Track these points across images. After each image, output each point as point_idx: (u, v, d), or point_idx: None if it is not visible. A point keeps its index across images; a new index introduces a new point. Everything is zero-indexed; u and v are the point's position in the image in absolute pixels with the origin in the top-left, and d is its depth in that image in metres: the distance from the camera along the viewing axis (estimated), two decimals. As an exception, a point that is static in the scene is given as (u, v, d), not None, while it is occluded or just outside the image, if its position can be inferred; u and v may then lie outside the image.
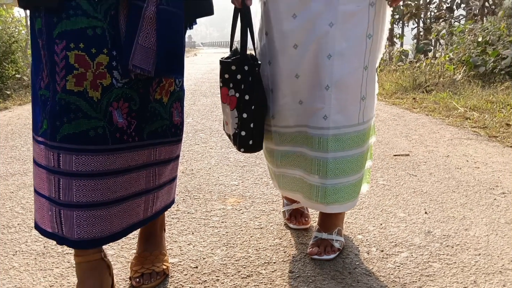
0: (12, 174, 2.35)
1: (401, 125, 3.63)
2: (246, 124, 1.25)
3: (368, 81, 1.26)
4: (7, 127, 3.66)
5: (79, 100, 0.94)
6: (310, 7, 1.19)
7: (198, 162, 2.59)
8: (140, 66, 0.96)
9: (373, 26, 1.23)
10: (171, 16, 0.98)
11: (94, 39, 0.94)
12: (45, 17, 0.94)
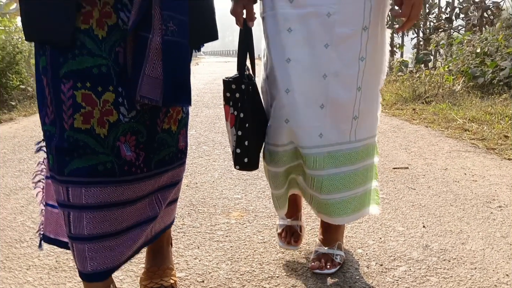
0: (21, 188, 2.41)
1: (400, 137, 3.69)
2: (241, 142, 1.27)
3: (361, 101, 1.29)
4: (14, 140, 3.73)
5: (87, 138, 0.96)
6: (306, 24, 1.22)
7: (202, 175, 2.65)
8: (147, 97, 0.98)
9: (366, 49, 1.26)
10: (176, 46, 0.99)
11: (100, 78, 0.96)
12: (50, 56, 0.96)
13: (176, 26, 0.99)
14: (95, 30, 0.95)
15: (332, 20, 1.21)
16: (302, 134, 1.27)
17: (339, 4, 1.20)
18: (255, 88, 1.28)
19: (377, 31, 1.28)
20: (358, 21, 1.23)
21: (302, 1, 1.21)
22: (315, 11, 1.21)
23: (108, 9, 0.97)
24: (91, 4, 0.95)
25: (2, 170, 2.82)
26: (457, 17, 11.01)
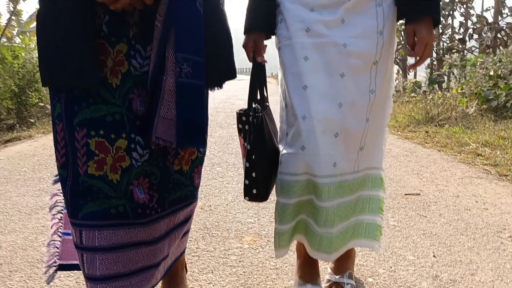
0: (41, 207, 2.50)
1: (412, 161, 3.71)
2: (249, 173, 1.27)
3: (368, 133, 1.32)
4: (34, 158, 3.84)
5: (100, 183, 0.98)
6: (323, 53, 1.25)
7: (215, 198, 2.71)
8: (162, 138, 0.98)
9: (375, 83, 1.29)
10: (190, 88, 0.99)
11: (113, 125, 0.97)
12: (65, 104, 0.96)
13: (191, 68, 0.98)
14: (109, 78, 0.97)
15: (348, 51, 1.24)
16: (318, 163, 1.25)
17: (355, 38, 1.24)
18: (262, 120, 1.28)
19: (386, 66, 1.32)
20: (371, 55, 1.27)
21: (319, 32, 1.24)
22: (332, 41, 1.24)
23: (121, 57, 0.98)
24: (105, 53, 0.96)
25: (23, 188, 2.91)
26: (470, 38, 11.04)
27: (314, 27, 1.25)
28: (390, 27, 1.29)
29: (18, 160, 3.80)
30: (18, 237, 2.07)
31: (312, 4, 1.26)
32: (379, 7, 1.27)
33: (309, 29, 1.25)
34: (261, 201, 1.32)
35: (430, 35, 1.21)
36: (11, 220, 2.31)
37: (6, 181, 3.11)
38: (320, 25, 1.24)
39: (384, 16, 1.27)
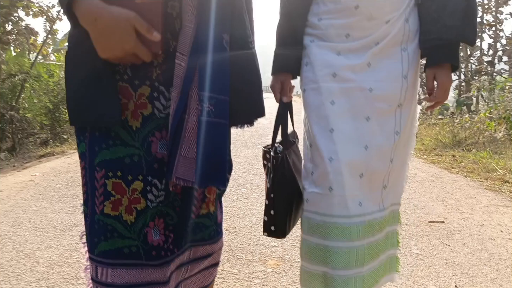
0: (75, 224, 2.62)
1: (438, 187, 3.70)
2: (268, 210, 1.29)
3: (391, 172, 1.35)
4: (67, 175, 4.01)
5: (115, 223, 0.99)
6: (349, 98, 1.27)
7: (240, 219, 2.78)
8: (183, 178, 0.96)
9: (400, 124, 1.32)
10: (212, 127, 0.97)
11: (130, 167, 0.98)
12: (88, 144, 0.99)
13: (213, 106, 0.97)
14: (129, 121, 0.97)
15: (373, 95, 1.27)
16: (345, 203, 1.27)
17: (380, 82, 1.27)
18: (282, 161, 1.30)
19: (410, 108, 1.36)
20: (396, 98, 1.29)
21: (346, 77, 1.27)
22: (358, 86, 1.27)
23: (143, 100, 0.98)
24: (127, 97, 0.97)
25: (58, 205, 3.05)
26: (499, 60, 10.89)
27: (341, 72, 1.27)
28: (414, 71, 1.32)
29: (52, 176, 3.98)
30: (54, 253, 2.19)
31: (339, 48, 1.29)
32: (404, 52, 1.30)
33: (336, 74, 1.28)
34: (280, 238, 1.34)
35: (449, 80, 1.26)
36: (47, 237, 2.43)
37: (42, 197, 3.27)
38: (347, 71, 1.27)
39: (409, 60, 1.30)
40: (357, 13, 1.25)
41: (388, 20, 1.26)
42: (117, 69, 0.95)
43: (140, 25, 0.87)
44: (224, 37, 0.98)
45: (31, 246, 2.30)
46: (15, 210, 2.96)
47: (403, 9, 1.27)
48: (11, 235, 2.48)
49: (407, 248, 2.31)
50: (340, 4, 1.26)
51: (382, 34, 1.26)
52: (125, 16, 0.87)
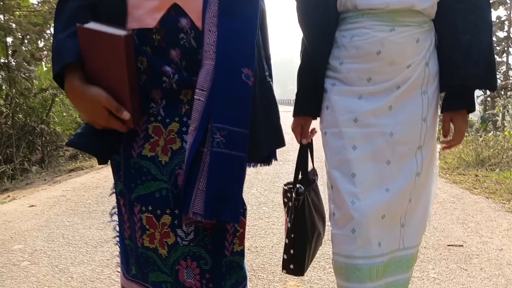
0: (106, 241, 2.77)
1: (458, 209, 3.72)
2: (287, 249, 1.33)
3: (408, 211, 1.35)
4: (97, 190, 4.19)
5: (154, 256, 1.02)
6: (371, 142, 1.28)
7: (262, 239, 2.88)
8: (200, 213, 0.94)
9: (421, 166, 1.32)
10: (222, 158, 0.96)
11: (160, 201, 0.99)
12: (124, 181, 1.03)
13: (224, 137, 0.96)
14: (159, 156, 1.00)
15: (394, 139, 1.28)
16: (366, 245, 1.28)
17: (400, 125, 1.28)
18: (303, 203, 1.32)
19: (430, 149, 1.35)
20: (415, 141, 1.30)
21: (368, 122, 1.28)
22: (380, 131, 1.28)
23: (172, 135, 1.01)
24: (158, 134, 1.01)
25: (88, 221, 3.22)
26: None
27: (363, 117, 1.28)
28: (433, 113, 1.33)
29: (83, 192, 4.17)
30: (86, 269, 2.33)
31: (361, 92, 1.30)
32: (424, 94, 1.31)
33: (357, 119, 1.29)
34: (298, 275, 1.37)
35: (466, 124, 1.30)
36: (80, 252, 2.58)
37: (73, 213, 3.44)
38: (369, 115, 1.28)
39: (428, 103, 1.31)
40: (379, 59, 1.27)
41: (409, 65, 1.27)
42: (151, 112, 1.01)
43: (111, 106, 0.93)
44: (243, 71, 0.99)
45: (65, 261, 2.45)
46: (49, 225, 3.14)
47: (424, 53, 1.29)
48: (46, 250, 2.64)
49: (424, 272, 2.36)
50: (362, 49, 1.28)
51: (404, 78, 1.28)
52: (97, 99, 0.93)
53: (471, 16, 1.26)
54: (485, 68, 1.25)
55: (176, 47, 0.99)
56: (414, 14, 1.27)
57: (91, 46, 0.93)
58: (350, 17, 1.31)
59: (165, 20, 0.98)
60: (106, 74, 0.94)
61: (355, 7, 1.28)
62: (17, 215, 3.44)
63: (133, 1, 0.99)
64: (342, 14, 1.34)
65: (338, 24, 1.35)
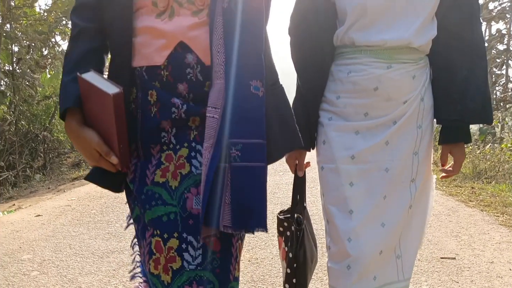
0: (111, 251, 2.87)
1: (453, 222, 3.82)
2: (289, 279, 1.36)
3: (402, 241, 1.36)
4: (101, 200, 4.30)
5: (157, 283, 1.02)
6: (368, 178, 1.30)
7: (262, 250, 2.98)
8: (229, 225, 0.97)
9: (414, 199, 1.34)
10: (245, 172, 0.98)
11: (167, 225, 1.00)
12: (140, 207, 1.06)
13: (239, 151, 0.98)
14: (170, 181, 1.02)
15: (390, 174, 1.30)
16: (362, 280, 1.30)
17: (394, 161, 1.30)
18: (304, 234, 1.35)
19: (422, 182, 1.36)
20: (408, 175, 1.32)
21: (364, 158, 1.30)
22: (376, 167, 1.30)
23: (182, 160, 1.03)
24: (169, 160, 1.03)
25: (94, 231, 3.32)
26: (525, 88, 10.84)
27: (360, 154, 1.30)
28: (426, 146, 1.34)
29: (87, 201, 4.27)
30: (94, 279, 2.44)
31: (357, 127, 1.31)
32: (419, 128, 1.32)
33: (354, 156, 1.30)
34: None
35: (464, 155, 1.35)
36: (87, 262, 2.69)
37: (79, 223, 3.55)
38: (366, 153, 1.30)
39: (422, 136, 1.32)
40: (376, 94, 1.28)
41: (405, 100, 1.29)
42: (163, 141, 1.04)
43: (101, 149, 1.01)
44: (251, 84, 1.01)
45: (73, 272, 2.56)
46: (56, 235, 3.24)
47: (419, 89, 1.31)
48: (54, 260, 2.75)
49: (417, 284, 2.46)
50: (359, 85, 1.29)
51: (400, 114, 1.29)
52: (89, 141, 1.01)
53: (467, 52, 1.28)
54: (482, 103, 1.26)
55: (184, 82, 1.03)
56: (411, 51, 1.28)
57: (88, 94, 1.00)
58: (347, 52, 1.33)
59: (172, 57, 1.02)
60: (100, 120, 1.02)
61: (353, 43, 1.30)
62: (24, 224, 3.55)
63: (141, 40, 1.05)
64: (339, 48, 1.35)
65: (333, 58, 1.37)
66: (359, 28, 1.29)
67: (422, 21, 1.26)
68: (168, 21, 1.03)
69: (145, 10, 1.05)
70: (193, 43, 1.02)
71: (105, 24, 1.08)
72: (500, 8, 11.24)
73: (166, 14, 1.03)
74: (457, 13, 1.29)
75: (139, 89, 1.07)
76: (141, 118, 1.07)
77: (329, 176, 1.34)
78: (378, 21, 1.27)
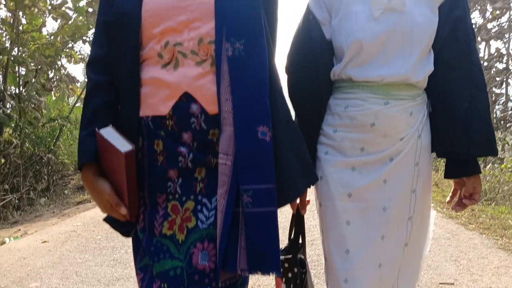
0: (117, 278, 2.94)
1: (453, 246, 3.87)
2: None
3: (399, 280, 1.34)
4: (105, 226, 4.30)
5: None
6: (365, 217, 1.29)
7: (264, 277, 3.03)
8: (246, 269, 1.01)
9: (410, 236, 1.32)
10: (257, 218, 1.01)
11: (174, 280, 1.03)
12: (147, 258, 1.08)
13: (250, 197, 1.01)
14: (177, 235, 1.05)
15: (387, 214, 1.28)
16: None
17: (391, 200, 1.28)
18: (307, 275, 1.33)
19: (419, 218, 1.34)
20: (406, 212, 1.30)
21: (362, 196, 1.28)
22: (373, 206, 1.28)
23: (188, 214, 1.06)
24: (176, 212, 1.07)
25: (100, 258, 3.39)
26: (525, 107, 10.91)
27: (357, 192, 1.29)
28: (423, 183, 1.33)
29: (92, 227, 4.34)
30: (100, 307, 2.50)
31: (354, 163, 1.30)
32: (417, 166, 1.30)
33: (351, 194, 1.29)
34: None
35: (480, 183, 1.30)
36: (93, 290, 2.76)
37: (85, 249, 3.62)
38: (363, 190, 1.29)
39: (419, 174, 1.31)
40: (373, 130, 1.27)
41: (402, 137, 1.28)
42: (169, 190, 1.08)
43: (112, 201, 1.06)
44: (258, 130, 1.03)
45: (80, 299, 2.63)
46: (62, 262, 3.31)
47: (417, 126, 1.29)
48: None
49: (416, 311, 2.52)
50: (357, 120, 1.28)
51: (397, 151, 1.28)
52: (102, 192, 1.07)
53: (467, 84, 1.27)
54: (486, 135, 1.24)
55: (188, 130, 1.06)
56: (408, 88, 1.28)
57: (104, 149, 1.08)
58: (345, 87, 1.33)
59: (177, 107, 1.05)
60: (114, 172, 1.08)
61: (350, 79, 1.30)
62: (31, 251, 3.62)
63: (147, 90, 1.09)
64: (337, 82, 1.36)
65: (330, 92, 1.37)
66: (356, 65, 1.29)
67: (418, 55, 1.26)
68: (173, 71, 1.07)
69: (151, 61, 1.09)
70: (197, 93, 1.05)
71: (115, 76, 1.13)
72: (499, 28, 11.41)
73: (171, 65, 1.07)
74: (454, 45, 1.28)
75: (146, 139, 1.10)
76: (148, 167, 1.10)
77: (327, 213, 1.33)
78: (374, 57, 1.27)
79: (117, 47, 1.12)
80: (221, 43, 1.04)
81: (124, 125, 1.11)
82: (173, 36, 1.07)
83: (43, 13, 7.60)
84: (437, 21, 1.28)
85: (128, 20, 1.09)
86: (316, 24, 1.35)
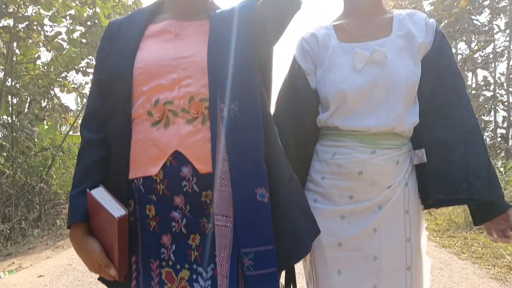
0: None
1: (445, 276, 3.91)
2: None
3: None
4: (101, 258, 4.35)
5: None
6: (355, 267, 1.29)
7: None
8: None
9: (411, 286, 1.30)
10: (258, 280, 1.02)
11: None
12: None
13: (251, 260, 1.01)
14: None
15: (378, 263, 1.27)
16: None
17: (382, 249, 1.27)
18: None
19: (418, 269, 1.33)
20: (402, 262, 1.29)
21: (351, 246, 1.29)
22: (362, 255, 1.28)
23: (183, 283, 1.04)
24: (171, 281, 1.05)
25: None
26: (515, 135, 11.04)
27: (346, 242, 1.29)
28: (417, 232, 1.33)
29: (87, 260, 4.32)
30: None
31: (343, 212, 1.30)
32: (407, 214, 1.30)
33: (341, 244, 1.29)
34: None
35: (508, 222, 1.28)
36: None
37: (81, 284, 3.61)
38: (352, 240, 1.29)
39: (411, 222, 1.30)
40: (361, 178, 1.28)
41: (389, 185, 1.29)
42: (162, 257, 1.06)
43: (101, 261, 1.05)
44: (257, 192, 1.02)
45: (77, 337, 2.62)
46: (58, 298, 3.30)
47: (403, 174, 1.30)
48: (57, 325, 2.81)
49: None
50: (344, 168, 1.30)
51: (385, 199, 1.29)
52: (91, 253, 1.05)
53: (460, 130, 1.27)
54: (488, 179, 1.23)
55: (180, 194, 1.04)
56: (394, 137, 1.30)
57: (95, 210, 1.05)
58: (332, 134, 1.34)
59: (167, 171, 1.04)
60: (104, 233, 1.07)
61: (337, 128, 1.32)
62: (27, 286, 3.60)
63: (136, 150, 1.08)
64: (324, 130, 1.37)
65: (317, 138, 1.39)
66: (342, 115, 1.30)
67: (403, 106, 1.27)
68: (163, 130, 1.05)
69: (140, 120, 1.08)
70: (188, 151, 1.03)
71: (108, 133, 1.13)
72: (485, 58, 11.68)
73: (162, 123, 1.05)
74: (442, 93, 1.30)
75: (137, 203, 1.08)
76: (140, 232, 1.09)
77: (318, 263, 1.33)
78: (359, 107, 1.29)
79: (109, 105, 1.12)
80: (215, 104, 1.04)
81: (113, 188, 1.09)
82: (163, 93, 1.06)
83: (36, 45, 7.68)
84: (419, 72, 1.30)
85: (120, 78, 1.09)
86: (302, 74, 1.38)
